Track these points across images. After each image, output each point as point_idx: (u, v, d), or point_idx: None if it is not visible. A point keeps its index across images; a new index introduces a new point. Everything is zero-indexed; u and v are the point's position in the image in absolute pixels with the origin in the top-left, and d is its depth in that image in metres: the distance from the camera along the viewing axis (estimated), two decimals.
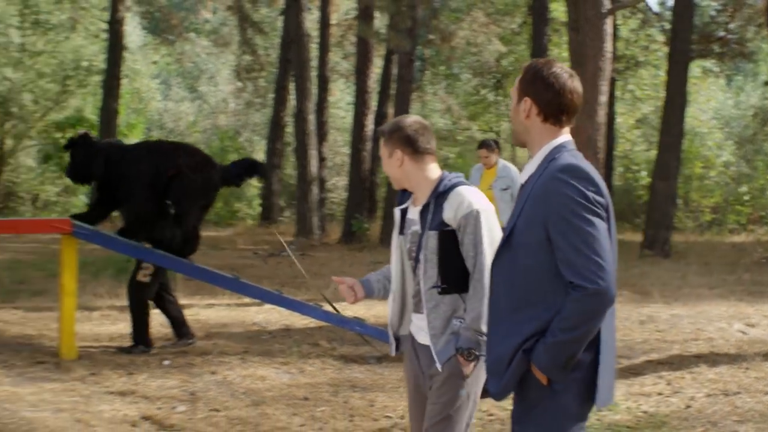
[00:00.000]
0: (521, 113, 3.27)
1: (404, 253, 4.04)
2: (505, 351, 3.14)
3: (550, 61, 3.30)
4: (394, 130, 4.03)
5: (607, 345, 3.13)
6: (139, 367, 7.62)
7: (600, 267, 2.97)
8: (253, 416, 6.44)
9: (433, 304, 3.87)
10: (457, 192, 3.87)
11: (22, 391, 6.56)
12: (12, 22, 31.58)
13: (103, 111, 25.52)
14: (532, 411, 3.16)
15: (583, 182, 3.04)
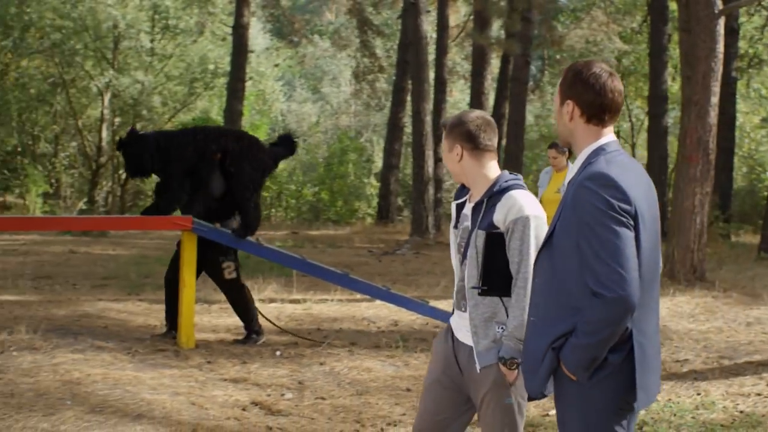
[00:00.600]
0: (565, 116, 3.36)
1: (456, 247, 4.08)
2: (539, 349, 3.29)
3: (591, 61, 3.40)
4: (456, 124, 3.99)
5: (644, 347, 3.21)
6: (252, 356, 8.03)
7: (621, 276, 3.06)
8: (357, 405, 6.73)
9: (473, 303, 3.87)
10: (510, 195, 3.85)
11: (143, 375, 7.02)
12: (143, 27, 32.79)
13: (227, 112, 26.25)
14: (568, 407, 3.32)
15: (609, 190, 3.11)
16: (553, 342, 3.25)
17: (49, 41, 32.14)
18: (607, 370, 3.20)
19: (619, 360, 3.19)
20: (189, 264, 8.22)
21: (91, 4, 31.72)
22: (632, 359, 3.18)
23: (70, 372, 6.89)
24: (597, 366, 3.19)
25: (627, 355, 3.19)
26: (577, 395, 3.26)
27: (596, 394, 3.23)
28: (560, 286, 3.26)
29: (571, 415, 3.31)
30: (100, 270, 13.70)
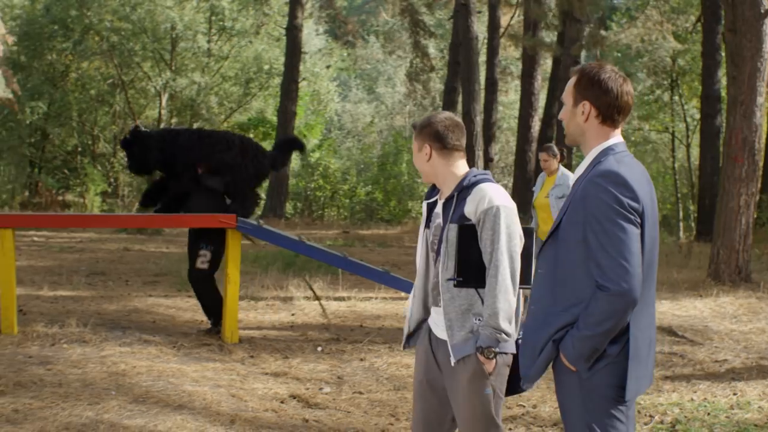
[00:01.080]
0: (579, 116, 3.49)
1: (428, 246, 4.13)
2: (539, 339, 3.42)
3: (603, 65, 3.52)
4: (424, 125, 4.10)
5: (638, 340, 3.33)
6: (294, 352, 8.22)
7: (625, 270, 3.20)
8: (393, 400, 6.87)
9: (449, 296, 3.91)
10: (480, 188, 3.92)
11: (186, 368, 7.24)
12: (200, 28, 33.28)
13: (280, 113, 26.58)
14: (568, 396, 3.44)
15: (619, 188, 3.25)
16: (555, 333, 3.38)
17: (108, 43, 32.74)
18: (605, 361, 3.33)
19: (617, 352, 3.32)
20: (233, 261, 8.44)
21: (149, 7, 32.26)
22: (628, 351, 3.31)
23: (116, 364, 7.14)
24: (597, 357, 3.32)
25: (624, 346, 3.32)
26: (577, 385, 3.38)
27: (595, 383, 3.35)
28: (564, 278, 3.39)
29: (572, 404, 3.44)
30: (153, 267, 14.05)
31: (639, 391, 3.41)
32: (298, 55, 26.54)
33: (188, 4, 33.14)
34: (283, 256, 14.81)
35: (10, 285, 8.09)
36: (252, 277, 12.57)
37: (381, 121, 43.33)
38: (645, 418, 6.54)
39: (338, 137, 40.53)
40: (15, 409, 5.87)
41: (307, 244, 8.82)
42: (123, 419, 5.81)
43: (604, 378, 3.34)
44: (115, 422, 5.73)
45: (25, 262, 13.96)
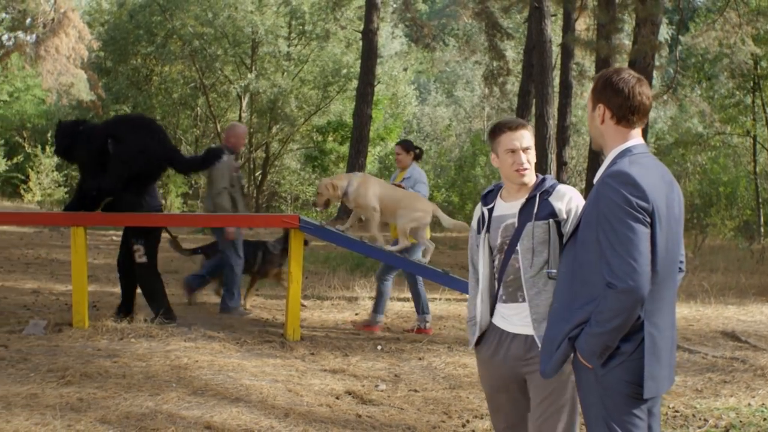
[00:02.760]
0: (596, 119, 3.62)
1: (493, 249, 4.18)
2: (557, 335, 3.56)
3: (619, 69, 3.64)
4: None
5: (656, 339, 3.42)
6: (354, 350, 8.38)
7: (633, 268, 3.29)
8: (448, 398, 6.97)
9: (535, 291, 3.99)
10: (562, 189, 4.10)
11: (247, 363, 7.45)
12: (281, 32, 33.73)
13: (356, 116, 26.78)
14: (588, 392, 3.55)
15: (628, 188, 3.34)
16: (571, 330, 3.49)
17: (190, 47, 33.42)
18: (620, 358, 3.42)
19: (632, 349, 3.41)
20: (296, 259, 8.63)
21: (230, 12, 32.82)
22: (643, 349, 3.40)
23: (179, 358, 7.39)
24: (610, 354, 3.42)
25: (639, 344, 3.41)
26: (594, 382, 3.49)
27: (611, 380, 3.45)
28: (581, 276, 3.51)
29: (591, 401, 3.54)
30: None
31: (658, 390, 3.48)
32: (373, 59, 26.71)
33: (269, 9, 33.63)
34: (351, 257, 15.00)
35: (82, 280, 8.41)
36: (320, 277, 12.79)
37: (459, 125, 43.35)
38: (699, 421, 6.54)
39: (416, 140, 40.67)
40: (80, 398, 6.14)
41: (367, 244, 8.98)
42: (181, 410, 6.04)
43: (620, 375, 3.43)
44: (173, 412, 5.95)
45: (103, 261, 14.40)
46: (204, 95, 34.74)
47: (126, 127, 8.84)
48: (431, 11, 58.79)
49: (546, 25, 20.03)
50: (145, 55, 34.88)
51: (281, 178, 37.04)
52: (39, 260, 14.09)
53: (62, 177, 30.30)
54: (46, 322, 8.41)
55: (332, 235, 8.85)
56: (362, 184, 9.01)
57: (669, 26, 34.10)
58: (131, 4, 35.68)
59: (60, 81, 25.69)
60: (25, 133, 33.14)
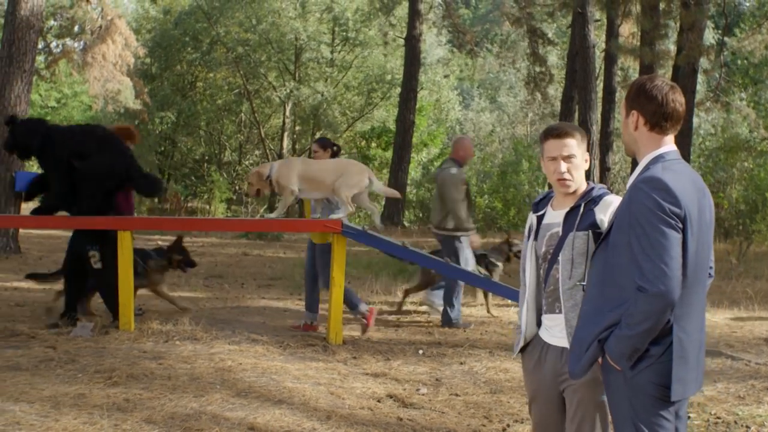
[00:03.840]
0: (630, 125, 3.66)
1: (539, 257, 4.17)
2: (587, 336, 3.60)
3: (652, 76, 3.68)
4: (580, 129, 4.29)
5: (684, 343, 3.46)
6: (396, 354, 8.43)
7: (663, 273, 3.33)
8: (488, 402, 6.99)
9: (572, 303, 3.96)
10: (607, 199, 4.03)
11: (290, 366, 7.53)
12: (323, 39, 33.92)
13: (399, 122, 26.87)
14: (616, 394, 3.59)
15: (661, 193, 3.38)
16: (601, 332, 3.53)
17: (234, 54, 33.70)
18: (648, 361, 3.47)
19: (660, 352, 3.46)
20: (338, 264, 8.70)
21: (274, 19, 33.06)
22: (671, 352, 3.44)
23: (224, 360, 7.49)
24: (639, 356, 3.46)
25: (668, 348, 3.45)
26: (623, 383, 3.54)
27: (639, 382, 3.49)
28: (611, 279, 3.54)
29: (619, 402, 3.58)
30: (268, 271, 14.51)
31: (685, 393, 3.52)
32: (416, 65, 26.80)
33: (312, 16, 33.83)
34: (394, 262, 15.03)
35: (129, 284, 8.54)
36: (363, 282, 12.86)
37: (502, 130, 43.29)
38: (741, 428, 6.50)
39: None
40: (126, 398, 6.25)
41: (409, 249, 9.02)
42: (225, 411, 6.12)
43: (648, 377, 3.47)
44: (217, 414, 6.04)
45: None
46: (248, 101, 35.00)
47: (91, 143, 8.87)
48: (474, 17, 58.85)
49: (589, 30, 20.01)
50: (190, 61, 35.24)
51: None
52: None
53: None
54: (93, 324, 8.55)
55: (374, 240, 8.90)
56: (283, 165, 8.95)
57: (715, 30, 33.79)
58: (177, 11, 36.10)
59: (106, 87, 26.05)
60: None
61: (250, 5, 33.31)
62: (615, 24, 22.57)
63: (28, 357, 7.35)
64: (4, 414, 5.78)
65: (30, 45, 14.85)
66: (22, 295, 10.63)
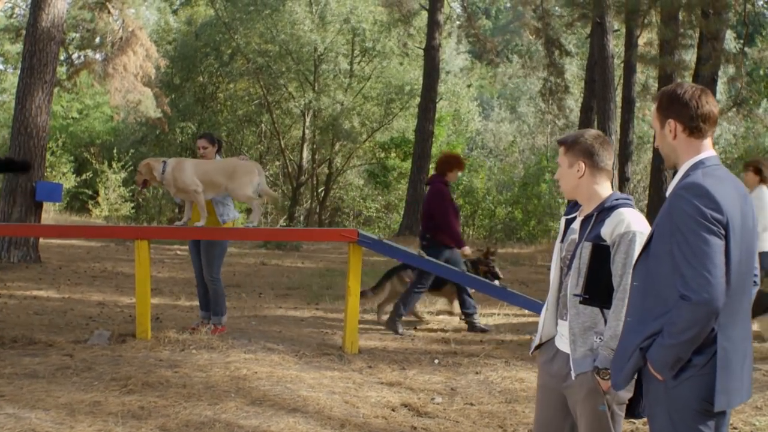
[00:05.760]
0: (668, 135, 3.60)
1: (561, 261, 4.21)
2: (629, 346, 3.53)
3: (680, 83, 3.64)
4: (576, 142, 4.14)
5: (728, 352, 3.38)
6: (411, 363, 8.43)
7: (707, 281, 3.26)
8: (503, 412, 6.97)
9: (575, 311, 3.99)
10: (619, 211, 3.98)
11: (305, 375, 7.55)
12: (342, 50, 34.00)
13: (418, 132, 26.89)
14: (655, 404, 3.52)
15: (702, 200, 3.32)
16: (643, 341, 3.47)
17: (254, 65, 33.84)
18: (691, 371, 3.39)
19: (704, 362, 3.38)
20: (354, 273, 8.72)
21: (293, 30, 33.17)
22: (716, 362, 3.37)
23: (239, 369, 7.51)
24: (682, 366, 3.40)
25: (711, 358, 3.38)
26: (663, 393, 3.47)
27: (680, 393, 3.42)
28: (653, 289, 3.49)
29: (658, 413, 3.52)
30: (286, 281, 14.54)
31: (730, 404, 3.45)
32: (435, 75, 26.82)
33: (330, 27, 33.93)
34: None
35: (146, 293, 8.59)
36: None
37: (522, 140, 43.20)
38: None
39: (480, 156, 40.63)
40: (141, 406, 6.29)
41: (425, 258, 9.03)
42: (239, 419, 6.15)
43: (690, 388, 3.40)
44: (231, 422, 6.07)
45: (167, 274, 14.67)
46: (268, 112, 35.12)
47: None
48: (495, 27, 58.84)
49: (608, 40, 19.99)
50: (211, 72, 35.41)
51: (344, 193, 37.27)
52: (105, 273, 14.40)
53: (128, 192, 30.87)
54: (110, 332, 8.61)
55: (390, 250, 8.92)
56: (177, 166, 8.73)
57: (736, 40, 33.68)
58: (198, 22, 36.30)
59: (128, 98, 26.16)
60: (94, 150, 33.83)
61: (270, 17, 33.42)
62: (634, 34, 22.50)
63: (45, 365, 7.41)
64: (21, 421, 5.83)
65: (51, 56, 14.97)
66: (41, 304, 10.70)
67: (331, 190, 36.66)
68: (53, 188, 14.87)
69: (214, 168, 8.78)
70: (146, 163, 8.90)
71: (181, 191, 8.75)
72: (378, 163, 34.99)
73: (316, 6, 34.12)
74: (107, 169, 29.96)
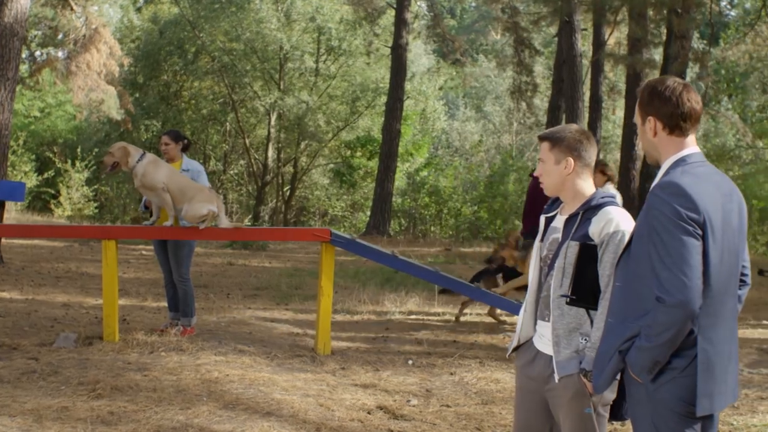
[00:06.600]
0: (648, 132, 3.49)
1: (542, 260, 4.08)
2: (609, 348, 3.42)
3: (663, 78, 3.51)
4: (563, 137, 4.02)
5: (710, 354, 3.28)
6: (385, 364, 8.31)
7: (683, 283, 3.16)
8: (480, 413, 6.88)
9: (559, 312, 3.87)
10: (606, 210, 3.85)
11: (277, 377, 7.39)
12: (307, 49, 33.82)
13: (385, 131, 26.80)
14: (637, 408, 3.42)
15: (678, 199, 3.21)
16: (622, 344, 3.37)
17: (219, 63, 33.57)
18: (671, 374, 3.30)
19: (684, 365, 3.28)
20: (327, 273, 8.58)
21: (258, 28, 32.95)
22: (696, 365, 3.27)
23: (210, 372, 7.34)
24: (661, 369, 3.30)
25: (692, 360, 3.28)
26: (645, 397, 3.37)
27: (662, 396, 3.32)
28: (633, 290, 3.38)
29: (640, 417, 3.42)
30: (254, 281, 14.37)
31: (713, 407, 3.34)
32: (402, 74, 26.74)
33: (296, 26, 33.74)
34: (381, 271, 14.97)
35: (113, 294, 8.38)
36: (350, 291, 12.74)
37: (488, 140, 43.23)
38: None
39: (445, 156, 40.62)
40: (110, 411, 6.11)
41: (399, 258, 8.90)
42: (212, 424, 5.99)
43: (670, 392, 3.31)
44: (204, 426, 5.91)
45: (133, 275, 14.44)
46: (233, 111, 34.85)
47: None
48: (459, 27, 58.88)
49: (576, 39, 20.00)
50: (175, 70, 35.09)
51: (310, 193, 37.09)
52: (69, 274, 14.14)
53: (92, 192, 30.49)
54: (76, 335, 8.40)
55: (363, 249, 8.79)
56: (154, 162, 8.46)
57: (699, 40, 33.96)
58: (162, 20, 35.94)
59: (91, 97, 25.78)
60: (56, 149, 33.37)
61: (235, 15, 33.14)
62: (601, 33, 22.55)
63: (10, 369, 7.20)
64: None
65: (14, 52, 14.66)
66: (3, 306, 10.44)
67: (297, 190, 36.46)
68: (15, 187, 14.54)
69: (187, 185, 8.50)
70: (122, 147, 8.57)
71: (146, 187, 8.50)
72: (343, 162, 34.85)
73: (281, 4, 33.91)
74: (70, 168, 29.56)
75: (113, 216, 32.06)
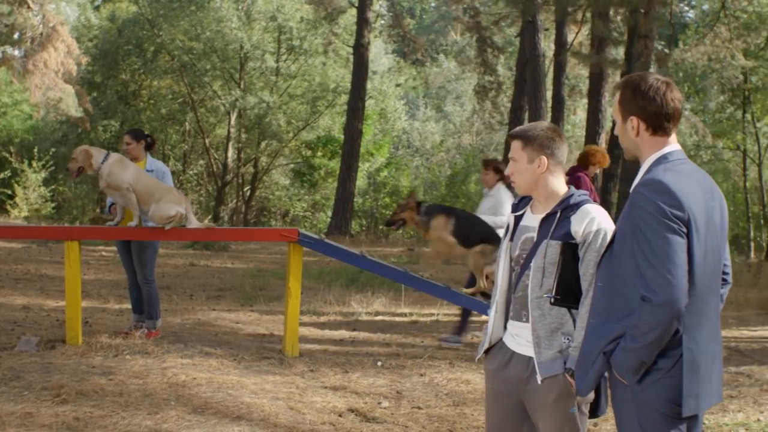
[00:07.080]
0: (630, 131, 3.41)
1: (512, 260, 3.99)
2: (592, 350, 3.36)
3: (645, 74, 3.43)
4: (536, 136, 3.93)
5: (695, 354, 3.24)
6: (354, 366, 8.21)
7: (668, 281, 3.10)
8: (452, 415, 6.81)
9: (539, 313, 3.79)
10: (585, 208, 3.79)
11: (246, 380, 7.27)
12: (268, 48, 33.62)
13: (347, 131, 26.71)
14: (623, 410, 3.36)
15: (662, 197, 3.15)
16: (606, 345, 3.30)
17: (179, 62, 33.27)
18: (657, 375, 3.24)
19: (669, 365, 3.23)
20: (295, 274, 8.46)
21: (219, 27, 32.71)
22: (682, 365, 3.22)
23: (177, 375, 7.20)
24: (647, 370, 3.24)
25: (677, 360, 3.23)
26: (630, 398, 3.31)
27: (647, 397, 3.27)
28: (616, 290, 3.32)
29: (626, 419, 3.36)
30: (217, 282, 14.21)
31: (699, 408, 3.29)
32: (364, 73, 26.66)
33: (257, 25, 33.53)
34: (346, 272, 14.87)
35: (76, 296, 8.21)
36: (315, 292, 12.62)
37: (448, 140, 43.28)
38: None
39: (405, 156, 40.60)
40: (76, 417, 5.95)
41: (368, 258, 8.80)
42: (181, 429, 5.86)
43: (657, 392, 3.25)
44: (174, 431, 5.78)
45: (93, 276, 14.22)
46: (192, 110, 34.54)
47: None
48: (419, 27, 58.88)
49: (539, 39, 20.04)
50: (134, 69, 34.71)
51: (270, 193, 36.87)
52: (28, 276, 13.88)
53: (49, 192, 30.07)
54: (38, 338, 8.22)
55: (333, 249, 8.69)
56: (120, 162, 8.29)
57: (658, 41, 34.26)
58: (121, 18, 35.53)
59: (48, 96, 25.40)
60: (12, 149, 32.86)
61: (195, 13, 32.86)
62: (564, 32, 22.61)
63: None
64: None
65: None
66: None
67: (257, 190, 36.24)
68: None
69: (154, 185, 8.34)
70: (84, 150, 8.37)
71: (112, 188, 8.32)
72: (304, 161, 34.69)
73: (242, 3, 33.69)
74: (27, 168, 29.12)
75: (72, 217, 31.61)
